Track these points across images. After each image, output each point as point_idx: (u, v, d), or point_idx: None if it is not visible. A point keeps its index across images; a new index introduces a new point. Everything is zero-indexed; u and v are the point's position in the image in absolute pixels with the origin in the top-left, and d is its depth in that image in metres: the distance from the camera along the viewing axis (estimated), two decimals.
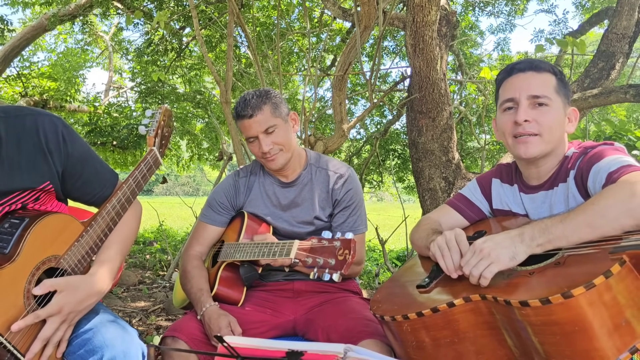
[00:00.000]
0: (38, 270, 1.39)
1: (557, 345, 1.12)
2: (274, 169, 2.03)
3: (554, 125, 1.50)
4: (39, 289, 1.34)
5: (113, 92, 11.15)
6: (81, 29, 8.85)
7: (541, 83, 1.51)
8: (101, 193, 1.61)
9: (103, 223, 1.56)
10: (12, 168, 1.38)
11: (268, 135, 1.96)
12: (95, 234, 1.54)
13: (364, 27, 3.44)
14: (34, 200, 1.47)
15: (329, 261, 1.50)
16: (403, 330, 1.40)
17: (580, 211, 1.26)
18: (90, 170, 1.57)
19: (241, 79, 6.88)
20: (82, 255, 1.50)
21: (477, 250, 1.33)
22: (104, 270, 1.51)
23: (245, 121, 1.97)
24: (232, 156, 5.59)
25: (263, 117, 1.96)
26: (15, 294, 1.32)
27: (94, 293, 1.44)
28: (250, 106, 1.95)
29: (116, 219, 1.60)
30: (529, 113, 1.50)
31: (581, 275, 1.11)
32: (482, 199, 1.77)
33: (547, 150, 1.52)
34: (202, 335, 1.80)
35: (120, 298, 4.72)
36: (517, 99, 1.52)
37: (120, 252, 1.60)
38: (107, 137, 8.38)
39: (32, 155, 1.41)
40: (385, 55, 7.69)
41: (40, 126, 1.41)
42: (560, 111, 1.52)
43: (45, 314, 1.33)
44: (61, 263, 1.45)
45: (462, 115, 5.84)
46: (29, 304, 1.35)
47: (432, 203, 3.79)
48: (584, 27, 5.90)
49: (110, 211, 1.57)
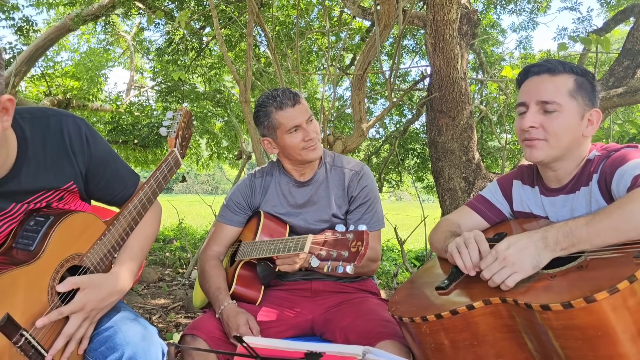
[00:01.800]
0: (62, 267, 1.41)
1: (579, 350, 1.10)
2: (314, 158, 2.03)
3: (562, 131, 1.47)
4: (62, 287, 1.36)
5: (134, 91, 11.29)
6: (103, 29, 8.98)
7: (553, 88, 1.48)
8: (123, 193, 1.64)
9: (125, 222, 1.58)
10: (37, 168, 1.40)
11: (309, 124, 1.99)
12: (117, 233, 1.56)
13: (383, 26, 3.42)
14: (58, 199, 1.50)
15: (342, 253, 1.51)
16: (422, 332, 1.39)
17: (606, 215, 1.23)
18: (112, 170, 1.59)
19: (260, 78, 6.91)
20: (104, 253, 1.52)
21: (499, 256, 1.30)
22: (126, 269, 1.53)
23: (289, 110, 1.97)
24: (251, 155, 5.61)
25: (304, 106, 1.99)
26: (39, 290, 1.35)
27: (116, 291, 1.46)
28: (292, 96, 1.97)
29: (137, 219, 1.62)
30: (537, 119, 1.49)
31: (605, 280, 1.09)
32: (503, 201, 1.75)
33: (554, 155, 1.50)
34: (221, 333, 1.82)
35: (141, 295, 4.78)
36: (527, 103, 1.52)
37: (141, 251, 1.62)
38: (128, 135, 8.49)
39: (56, 156, 1.43)
40: (405, 54, 7.65)
41: (64, 127, 1.44)
42: (573, 115, 1.48)
43: (68, 310, 1.35)
44: (84, 261, 1.47)
45: (482, 114, 5.78)
46: (53, 300, 1.37)
47: (451, 203, 3.76)
48: (608, 24, 5.78)
49: (132, 211, 1.60)
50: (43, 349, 1.31)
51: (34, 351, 1.30)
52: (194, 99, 8.16)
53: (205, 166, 10.55)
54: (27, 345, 1.28)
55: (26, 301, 1.32)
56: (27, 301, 1.32)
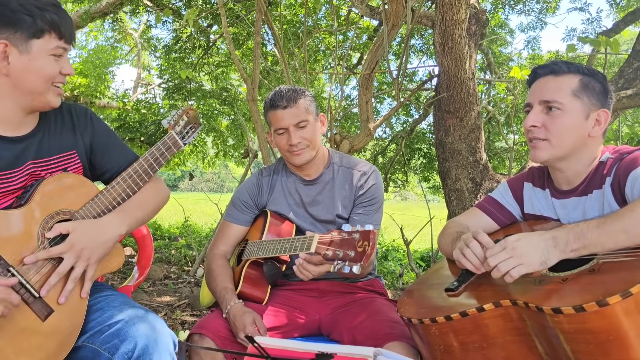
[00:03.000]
0: (52, 219, 1.49)
1: (591, 354, 1.09)
2: (297, 164, 2.04)
3: (564, 130, 1.48)
4: (51, 232, 1.45)
5: (141, 88, 11.31)
6: (111, 26, 9.00)
7: (556, 87, 1.50)
8: (124, 165, 1.70)
9: (119, 188, 1.63)
10: (49, 136, 1.58)
11: (298, 129, 1.98)
12: (111, 196, 1.61)
13: (391, 25, 3.41)
14: (63, 170, 1.61)
15: (349, 253, 1.50)
16: (431, 334, 1.39)
17: (618, 217, 1.22)
18: (114, 144, 1.72)
19: (267, 77, 6.91)
20: (97, 212, 1.57)
21: (508, 246, 1.30)
22: (117, 216, 1.59)
23: (279, 112, 1.98)
24: (257, 153, 5.62)
25: (297, 110, 1.98)
26: (29, 235, 1.43)
27: (106, 232, 1.52)
28: (286, 98, 1.97)
29: (133, 187, 1.65)
30: (539, 118, 1.51)
31: (617, 284, 1.08)
32: (514, 203, 1.73)
33: (558, 155, 1.51)
34: (229, 333, 1.82)
35: (147, 292, 4.79)
36: (531, 104, 1.54)
37: (137, 208, 1.66)
38: (135, 133, 8.50)
39: (62, 128, 1.62)
40: (413, 54, 7.62)
41: (72, 108, 1.67)
42: (576, 115, 1.48)
43: (57, 252, 1.43)
44: (75, 217, 1.53)
45: (490, 115, 5.75)
46: (44, 246, 1.45)
47: (458, 204, 3.74)
48: (618, 25, 5.74)
49: (126, 178, 1.64)
50: (33, 288, 1.38)
51: (24, 291, 1.37)
52: (200, 96, 8.16)
53: (211, 164, 10.55)
54: (18, 285, 1.35)
55: (14, 243, 1.40)
56: (15, 243, 1.40)
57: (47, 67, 1.46)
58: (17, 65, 1.43)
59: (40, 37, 1.44)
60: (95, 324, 1.48)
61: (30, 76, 1.45)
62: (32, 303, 1.39)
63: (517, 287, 1.31)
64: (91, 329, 1.48)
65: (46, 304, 1.41)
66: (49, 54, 1.46)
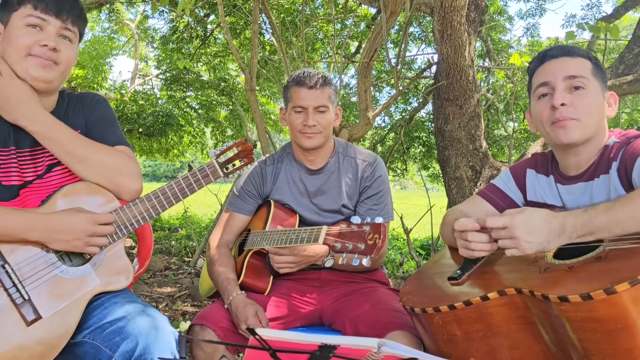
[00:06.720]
0: None
1: (598, 343, 1.08)
2: (307, 146, 2.01)
3: (592, 109, 1.44)
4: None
5: (139, 79, 11.23)
6: (108, 17, 8.92)
7: (577, 65, 1.47)
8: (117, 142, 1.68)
9: (142, 206, 1.57)
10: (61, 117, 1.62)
11: (317, 113, 1.98)
12: (131, 213, 1.56)
13: (390, 13, 3.37)
14: None
15: (359, 246, 1.47)
16: (434, 323, 1.37)
17: (626, 202, 1.20)
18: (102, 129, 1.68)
19: (265, 66, 6.86)
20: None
21: (510, 226, 1.27)
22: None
23: (304, 90, 1.97)
24: (256, 144, 5.59)
25: (322, 94, 1.98)
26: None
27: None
28: (315, 80, 1.97)
29: (157, 208, 1.58)
30: (566, 97, 1.44)
31: (625, 271, 1.07)
32: (516, 190, 1.71)
33: (588, 135, 1.45)
34: (230, 324, 1.81)
35: (147, 284, 4.79)
36: (552, 82, 1.47)
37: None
38: (133, 124, 8.47)
39: (72, 111, 1.68)
40: (411, 42, 7.57)
41: (87, 95, 1.74)
42: (598, 94, 1.46)
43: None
44: None
45: (489, 102, 5.72)
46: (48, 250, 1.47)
47: (458, 192, 3.73)
48: (618, 11, 5.69)
49: (151, 198, 1.58)
50: (25, 289, 1.38)
51: (15, 290, 1.37)
52: (198, 87, 8.12)
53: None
54: (8, 283, 1.37)
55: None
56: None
57: (21, 37, 1.47)
58: (3, 41, 1.50)
59: (17, 9, 1.49)
60: (96, 320, 1.46)
61: (9, 48, 1.49)
62: (20, 304, 1.35)
63: (521, 275, 1.29)
64: (92, 325, 1.46)
65: (35, 308, 1.37)
66: (25, 25, 1.48)
